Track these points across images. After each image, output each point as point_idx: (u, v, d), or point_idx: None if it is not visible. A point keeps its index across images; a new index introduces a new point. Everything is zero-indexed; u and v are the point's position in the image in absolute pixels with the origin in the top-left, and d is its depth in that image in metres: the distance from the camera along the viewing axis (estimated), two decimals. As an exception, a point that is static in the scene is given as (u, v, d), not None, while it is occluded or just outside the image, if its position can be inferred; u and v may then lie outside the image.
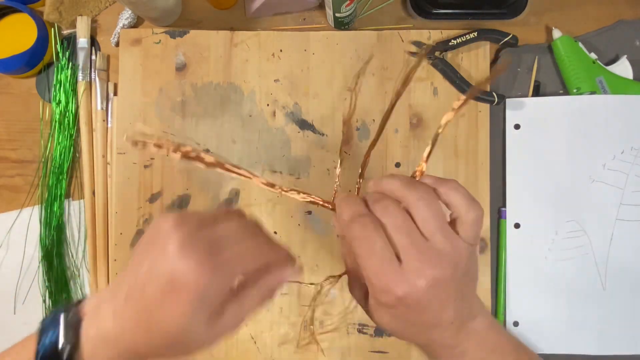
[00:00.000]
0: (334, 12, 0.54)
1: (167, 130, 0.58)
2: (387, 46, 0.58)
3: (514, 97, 0.57)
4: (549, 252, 0.56)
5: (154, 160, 0.57)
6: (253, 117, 0.57)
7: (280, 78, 0.58)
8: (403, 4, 0.60)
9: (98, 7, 0.60)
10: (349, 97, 0.57)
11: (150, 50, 0.58)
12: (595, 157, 0.56)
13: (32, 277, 0.58)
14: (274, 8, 0.59)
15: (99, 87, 0.58)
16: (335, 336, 0.55)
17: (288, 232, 0.56)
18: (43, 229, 0.58)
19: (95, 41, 0.60)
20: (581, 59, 0.56)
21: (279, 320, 0.56)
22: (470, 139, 0.57)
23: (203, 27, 0.59)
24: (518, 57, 0.58)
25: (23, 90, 0.60)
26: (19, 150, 0.60)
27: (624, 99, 0.56)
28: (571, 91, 0.57)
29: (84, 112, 0.58)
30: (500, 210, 0.57)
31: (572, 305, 0.56)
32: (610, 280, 0.56)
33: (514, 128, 0.57)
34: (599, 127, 0.56)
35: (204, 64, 0.58)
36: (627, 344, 0.55)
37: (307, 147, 0.57)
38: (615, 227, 0.56)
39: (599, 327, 0.55)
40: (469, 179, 0.56)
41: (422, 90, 0.57)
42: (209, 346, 0.30)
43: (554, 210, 0.56)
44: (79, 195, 0.59)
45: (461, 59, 0.57)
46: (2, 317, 0.57)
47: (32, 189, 0.59)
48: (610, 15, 0.59)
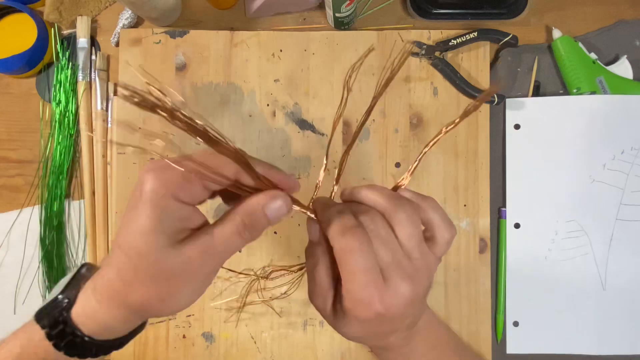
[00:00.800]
0: (334, 12, 0.54)
1: (167, 130, 0.57)
2: (387, 46, 0.58)
3: (514, 97, 0.57)
4: (549, 252, 0.56)
5: (154, 160, 0.57)
6: (253, 117, 0.57)
7: (280, 78, 0.58)
8: (403, 4, 0.60)
9: (98, 7, 0.60)
10: (349, 97, 0.57)
11: (150, 50, 0.58)
12: (595, 157, 0.56)
13: (32, 277, 0.58)
14: (274, 8, 0.59)
15: (99, 87, 0.58)
16: (335, 336, 0.55)
17: (288, 232, 0.56)
18: (43, 229, 0.58)
19: (95, 41, 0.60)
20: (581, 59, 0.56)
21: (278, 320, 0.56)
22: (470, 139, 0.57)
23: (203, 27, 0.59)
24: (518, 57, 0.58)
25: (23, 90, 0.60)
26: (19, 150, 0.60)
27: (624, 99, 0.56)
28: (571, 91, 0.57)
29: (84, 112, 0.58)
30: (500, 210, 0.57)
31: (572, 305, 0.56)
32: (610, 280, 0.56)
33: (514, 128, 0.57)
34: (599, 127, 0.56)
35: (204, 64, 0.58)
36: (627, 344, 0.55)
37: (307, 147, 0.57)
38: (615, 227, 0.56)
39: (599, 327, 0.55)
40: (469, 179, 0.56)
41: (422, 90, 0.57)
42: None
43: (554, 210, 0.56)
44: (79, 195, 0.59)
45: (461, 59, 0.57)
46: (2, 317, 0.57)
47: (32, 189, 0.59)
48: (610, 15, 0.59)
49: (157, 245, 0.28)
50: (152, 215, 0.28)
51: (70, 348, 0.32)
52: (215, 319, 0.56)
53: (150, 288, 0.29)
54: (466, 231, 0.56)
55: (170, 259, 0.28)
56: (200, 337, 0.56)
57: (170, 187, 0.28)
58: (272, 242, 0.56)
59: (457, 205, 0.56)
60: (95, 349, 0.32)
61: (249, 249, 0.56)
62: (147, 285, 0.29)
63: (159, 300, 0.29)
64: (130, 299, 0.30)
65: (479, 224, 0.56)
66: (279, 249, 0.56)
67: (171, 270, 0.28)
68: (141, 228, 0.28)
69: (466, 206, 0.56)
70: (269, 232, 0.56)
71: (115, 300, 0.30)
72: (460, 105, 0.57)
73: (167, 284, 0.29)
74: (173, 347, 0.55)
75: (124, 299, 0.30)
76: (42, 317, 0.32)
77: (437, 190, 0.56)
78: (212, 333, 0.56)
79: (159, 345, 0.55)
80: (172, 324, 0.56)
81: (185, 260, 0.28)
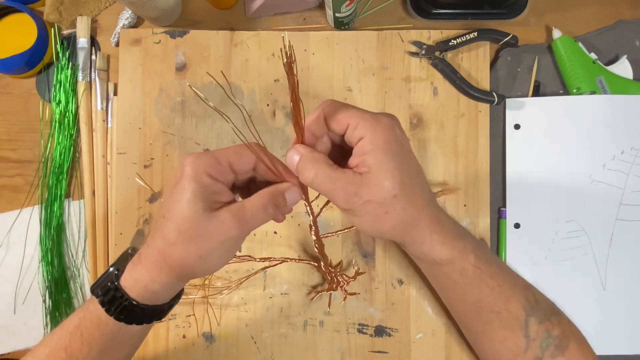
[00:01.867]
0: (334, 12, 0.54)
1: (167, 130, 0.58)
2: (387, 46, 0.58)
3: (514, 97, 0.57)
4: (549, 252, 0.56)
5: (154, 160, 0.57)
6: (253, 117, 0.57)
7: (280, 78, 0.58)
8: (403, 4, 0.60)
9: (98, 7, 0.60)
10: (348, 97, 0.57)
11: (150, 50, 0.58)
12: (595, 157, 0.56)
13: (32, 277, 0.58)
14: (274, 8, 0.59)
15: (99, 87, 0.58)
16: (335, 336, 0.55)
17: (288, 232, 0.56)
18: (43, 229, 0.58)
19: (95, 41, 0.61)
20: (581, 59, 0.56)
21: (279, 320, 0.56)
22: (470, 139, 0.57)
23: (203, 27, 0.59)
24: (518, 57, 0.58)
25: (23, 90, 0.60)
26: (19, 150, 0.60)
27: (624, 99, 0.56)
28: (571, 91, 0.57)
29: (84, 112, 0.58)
30: (500, 210, 0.57)
31: (572, 305, 0.56)
32: (610, 280, 0.56)
33: (514, 128, 0.57)
34: (599, 127, 0.56)
35: (204, 64, 0.58)
36: (627, 344, 0.55)
37: (307, 147, 0.57)
38: (615, 227, 0.56)
39: (599, 327, 0.55)
40: (469, 179, 0.56)
41: (422, 90, 0.57)
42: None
43: (554, 210, 0.56)
44: (79, 195, 0.59)
45: (461, 59, 0.57)
46: (2, 317, 0.57)
47: (32, 189, 0.59)
48: (610, 15, 0.59)
49: (197, 210, 0.35)
50: (191, 188, 0.35)
51: (121, 313, 0.37)
52: (215, 319, 0.56)
53: (189, 246, 0.35)
54: (466, 231, 0.56)
55: (208, 221, 0.35)
56: (200, 337, 0.56)
57: (204, 167, 0.36)
58: (272, 242, 0.56)
59: (457, 205, 0.56)
60: (142, 315, 0.38)
61: (250, 249, 0.56)
62: (188, 243, 0.35)
63: (196, 257, 0.36)
64: (172, 258, 0.36)
65: (479, 224, 0.56)
66: (279, 249, 0.56)
67: (208, 230, 0.35)
68: (184, 197, 0.35)
69: (466, 206, 0.56)
70: (270, 232, 0.56)
71: (159, 264, 0.36)
72: (460, 105, 0.57)
73: (204, 242, 0.35)
74: (173, 347, 0.55)
75: (167, 259, 0.36)
76: (95, 287, 0.38)
77: (437, 190, 0.56)
78: (212, 333, 0.56)
79: (159, 345, 0.55)
80: (172, 324, 0.56)
81: (220, 222, 0.35)
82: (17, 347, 0.58)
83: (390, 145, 0.37)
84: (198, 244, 0.35)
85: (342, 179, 0.37)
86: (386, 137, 0.37)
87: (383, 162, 0.36)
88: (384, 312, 0.55)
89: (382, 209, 0.37)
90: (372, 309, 0.55)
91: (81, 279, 0.58)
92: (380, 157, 0.36)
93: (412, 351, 0.55)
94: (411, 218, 0.39)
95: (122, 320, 0.38)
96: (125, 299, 0.37)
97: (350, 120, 0.37)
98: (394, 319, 0.55)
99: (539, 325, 0.42)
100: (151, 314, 0.39)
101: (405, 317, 0.55)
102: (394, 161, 0.37)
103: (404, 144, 0.38)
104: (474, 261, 0.42)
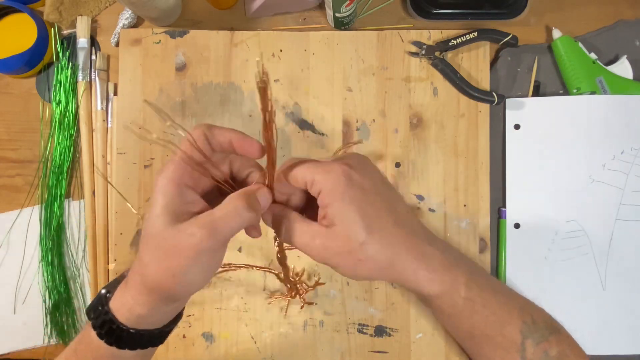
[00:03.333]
0: (334, 12, 0.54)
1: (167, 130, 0.57)
2: (387, 46, 0.58)
3: (514, 97, 0.57)
4: (549, 252, 0.56)
5: (153, 160, 0.57)
6: (253, 117, 0.57)
7: (280, 78, 0.58)
8: (403, 4, 0.60)
9: (98, 7, 0.60)
10: (348, 97, 0.57)
11: (150, 50, 0.58)
12: (595, 157, 0.56)
13: (32, 277, 0.58)
14: (274, 8, 0.59)
15: (99, 87, 0.58)
16: (335, 336, 0.55)
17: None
18: (43, 229, 0.58)
19: (95, 41, 0.61)
20: (581, 59, 0.56)
21: (278, 321, 0.56)
22: (470, 139, 0.57)
23: (203, 27, 0.59)
24: (518, 57, 0.58)
25: (23, 90, 0.60)
26: (19, 150, 0.60)
27: (624, 99, 0.56)
28: (571, 91, 0.57)
29: (84, 112, 0.58)
30: (500, 210, 0.57)
31: (572, 305, 0.56)
32: (610, 280, 0.56)
33: (514, 128, 0.57)
34: (599, 127, 0.56)
35: (204, 64, 0.58)
36: (627, 344, 0.55)
37: (307, 147, 0.57)
38: (615, 227, 0.56)
39: (599, 327, 0.55)
40: (469, 179, 0.56)
41: (422, 90, 0.57)
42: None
43: (554, 210, 0.56)
44: (79, 195, 0.59)
45: (461, 59, 0.57)
46: (2, 317, 0.57)
47: (32, 189, 0.59)
48: (610, 15, 0.59)
49: (165, 224, 0.32)
50: (160, 202, 0.33)
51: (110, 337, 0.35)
52: (215, 319, 0.56)
53: (161, 264, 0.33)
54: (466, 231, 0.56)
55: (176, 234, 0.32)
56: (200, 337, 0.56)
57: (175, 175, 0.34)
58: (271, 244, 0.56)
59: (457, 205, 0.56)
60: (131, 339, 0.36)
61: (249, 250, 0.56)
62: (160, 261, 0.33)
63: (170, 275, 0.33)
64: (148, 279, 0.33)
65: (479, 224, 0.56)
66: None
67: (177, 244, 0.32)
68: (153, 213, 0.33)
69: (466, 206, 0.56)
70: (269, 233, 0.56)
71: (139, 286, 0.34)
72: (460, 105, 0.57)
73: (175, 258, 0.32)
74: (173, 347, 0.55)
75: (144, 280, 0.34)
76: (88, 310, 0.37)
77: (437, 190, 0.56)
78: (212, 333, 0.56)
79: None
80: (172, 324, 0.56)
81: (189, 234, 0.32)
82: (17, 347, 0.58)
83: (347, 193, 0.36)
84: (170, 262, 0.32)
85: (308, 233, 0.37)
86: (341, 186, 0.36)
87: (343, 212, 0.36)
88: (384, 312, 0.55)
89: (354, 258, 0.37)
90: (372, 309, 0.55)
91: (81, 279, 0.58)
92: (339, 208, 0.36)
93: (412, 351, 0.55)
94: (387, 260, 0.38)
95: (112, 345, 0.35)
96: (113, 323, 0.35)
97: (306, 177, 0.36)
98: (394, 319, 0.55)
99: (535, 347, 0.42)
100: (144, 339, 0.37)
101: (405, 317, 0.55)
102: (354, 208, 0.36)
103: (366, 185, 0.37)
104: (464, 293, 0.41)
